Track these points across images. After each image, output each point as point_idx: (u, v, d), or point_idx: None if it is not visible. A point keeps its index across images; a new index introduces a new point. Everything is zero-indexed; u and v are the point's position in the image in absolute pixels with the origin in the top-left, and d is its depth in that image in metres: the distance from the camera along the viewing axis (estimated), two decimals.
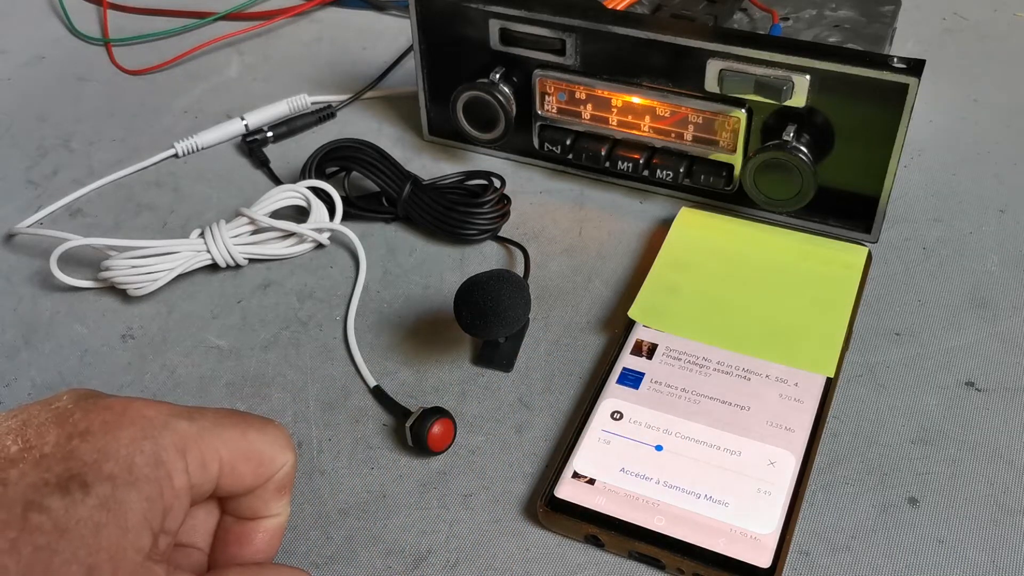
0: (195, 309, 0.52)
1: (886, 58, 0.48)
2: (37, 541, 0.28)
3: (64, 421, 0.30)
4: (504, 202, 0.55)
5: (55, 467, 0.29)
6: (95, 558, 0.28)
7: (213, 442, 0.32)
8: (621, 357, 0.46)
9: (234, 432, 0.33)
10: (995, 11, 0.73)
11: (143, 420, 0.31)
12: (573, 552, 0.40)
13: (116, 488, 0.29)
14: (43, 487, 0.28)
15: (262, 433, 0.34)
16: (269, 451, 0.34)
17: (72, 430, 0.30)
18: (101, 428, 0.30)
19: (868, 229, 0.52)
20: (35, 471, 0.29)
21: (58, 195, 0.59)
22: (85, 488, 0.29)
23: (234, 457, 0.33)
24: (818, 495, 0.42)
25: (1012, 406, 0.45)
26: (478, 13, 0.55)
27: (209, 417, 0.33)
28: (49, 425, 0.30)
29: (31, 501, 0.28)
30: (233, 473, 0.33)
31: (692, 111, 0.53)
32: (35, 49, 0.74)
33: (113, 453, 0.30)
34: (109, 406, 0.31)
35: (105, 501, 0.29)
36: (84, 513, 0.28)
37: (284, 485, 0.35)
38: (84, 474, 0.29)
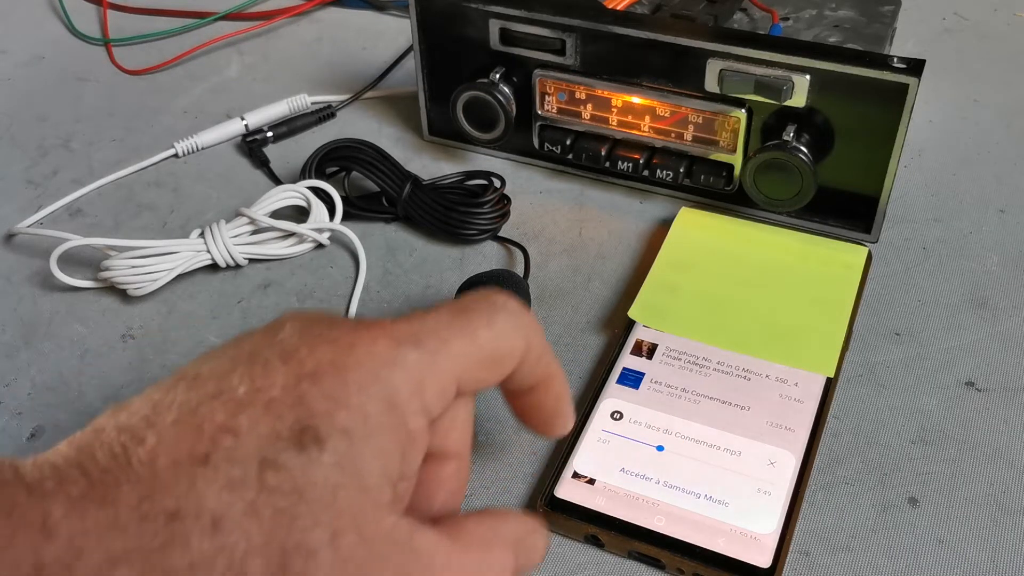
0: (195, 309, 0.52)
1: (886, 58, 0.48)
2: (277, 504, 0.25)
3: (290, 358, 0.27)
4: (504, 202, 0.55)
5: (287, 415, 0.26)
6: (337, 522, 0.26)
7: (445, 365, 0.29)
8: (621, 357, 0.46)
9: (463, 342, 0.30)
10: (995, 11, 0.73)
11: (371, 358, 0.28)
12: (573, 552, 0.40)
13: (352, 443, 0.27)
14: (277, 440, 0.26)
15: (492, 329, 0.31)
16: (506, 344, 0.31)
17: (300, 370, 0.27)
18: (330, 369, 0.27)
19: (868, 229, 0.52)
20: (266, 419, 0.26)
21: (58, 195, 0.59)
22: (320, 443, 0.26)
23: (470, 369, 0.30)
24: (818, 495, 0.42)
25: (1012, 406, 0.45)
26: (478, 13, 0.55)
27: (434, 334, 0.29)
28: (275, 362, 0.27)
29: (266, 457, 0.26)
30: (474, 379, 0.31)
31: (692, 111, 0.53)
32: (35, 49, 0.74)
33: (345, 401, 0.27)
34: (335, 340, 0.28)
35: (341, 458, 0.26)
36: (321, 472, 0.26)
37: (541, 354, 0.33)
38: (317, 427, 0.26)
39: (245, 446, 0.26)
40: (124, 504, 0.25)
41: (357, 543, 0.26)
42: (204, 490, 0.25)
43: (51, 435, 0.46)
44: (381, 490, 0.27)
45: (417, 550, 0.28)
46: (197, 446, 0.26)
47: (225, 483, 0.25)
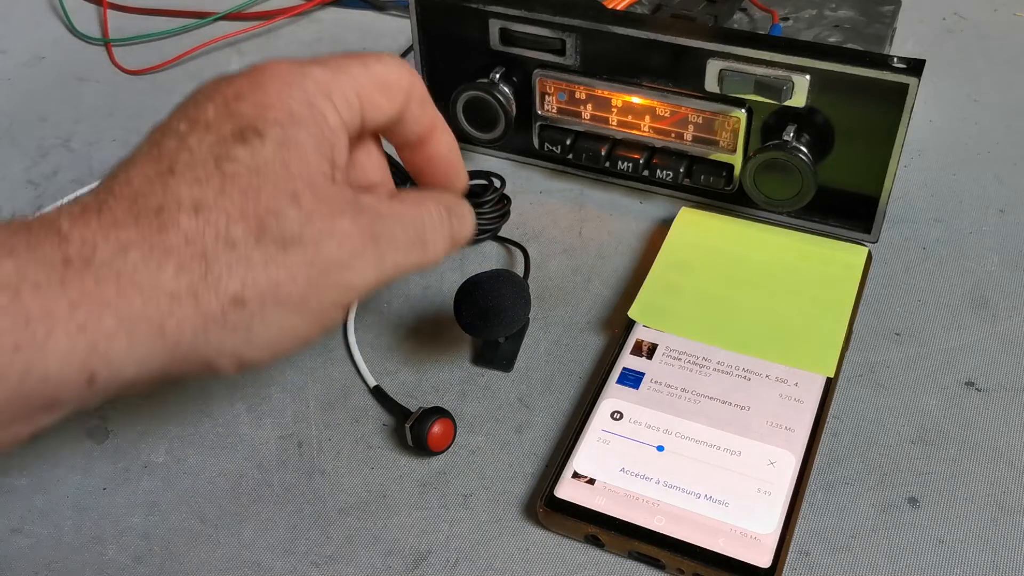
0: None
1: (886, 58, 0.48)
2: (240, 184, 0.31)
3: (214, 94, 0.33)
4: (504, 202, 0.55)
5: (225, 126, 0.32)
6: (293, 185, 0.32)
7: (346, 80, 0.35)
8: (621, 357, 0.46)
9: (359, 68, 0.35)
10: (995, 11, 0.73)
11: (282, 74, 0.33)
12: (573, 552, 0.40)
13: (285, 129, 0.32)
14: (223, 142, 0.31)
15: (380, 62, 0.36)
16: (394, 75, 0.36)
17: (225, 96, 0.33)
18: (249, 88, 0.33)
19: (868, 229, 0.52)
20: (208, 134, 0.32)
21: (58, 195, 0.59)
22: (259, 134, 0.32)
23: (368, 88, 0.35)
24: (818, 495, 0.42)
25: (1012, 406, 0.45)
26: (478, 13, 0.55)
27: (333, 62, 0.35)
28: (202, 102, 0.33)
29: (219, 155, 0.31)
30: (372, 103, 0.35)
31: (692, 111, 0.53)
32: (35, 49, 0.74)
33: (270, 104, 0.32)
34: (247, 73, 0.33)
35: (281, 141, 0.32)
36: (268, 154, 0.32)
37: (424, 98, 0.38)
38: (253, 124, 0.32)
39: (199, 153, 0.31)
40: (118, 210, 0.30)
41: (314, 199, 0.32)
42: (177, 188, 0.31)
43: (51, 435, 0.46)
44: (320, 163, 0.33)
45: (365, 204, 0.34)
46: (160, 165, 0.31)
47: (192, 180, 0.31)
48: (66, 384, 0.29)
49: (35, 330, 0.28)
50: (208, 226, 0.30)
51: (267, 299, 0.31)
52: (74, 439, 0.45)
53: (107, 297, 0.29)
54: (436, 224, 0.37)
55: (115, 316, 0.29)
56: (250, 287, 0.31)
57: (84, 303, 0.29)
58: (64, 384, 0.29)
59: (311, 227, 0.32)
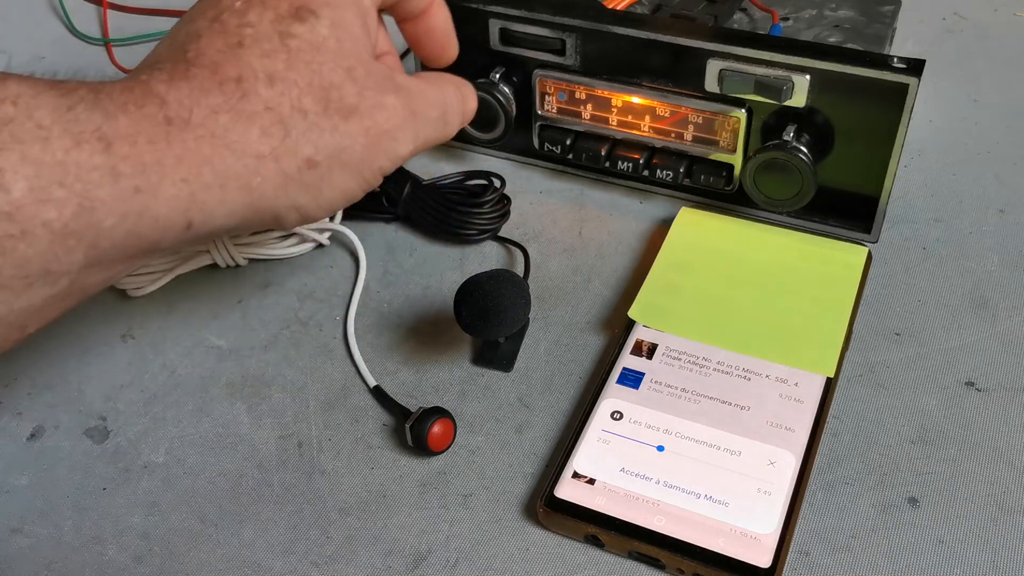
0: (195, 309, 0.52)
1: (886, 58, 0.48)
2: (304, 58, 0.35)
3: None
4: (504, 202, 0.55)
5: (281, 3, 0.35)
6: (347, 61, 0.36)
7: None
8: (621, 357, 0.46)
9: None
10: (995, 11, 0.73)
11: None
12: (573, 552, 0.40)
13: (334, 9, 0.36)
14: (283, 19, 0.35)
15: None
16: None
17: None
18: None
19: (868, 229, 0.52)
20: (267, 10, 0.35)
21: None
22: (314, 13, 0.36)
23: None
24: (818, 495, 0.42)
25: (1012, 406, 0.45)
26: (478, 13, 0.55)
27: None
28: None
29: (281, 31, 0.35)
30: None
31: (692, 111, 0.53)
32: (35, 49, 0.74)
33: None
34: None
35: (333, 21, 0.36)
36: (324, 31, 0.36)
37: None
38: (307, 3, 0.36)
39: (263, 29, 0.35)
40: (203, 78, 0.34)
41: (364, 72, 0.37)
42: (251, 60, 0.34)
43: (51, 435, 0.46)
44: (365, 42, 0.37)
45: (401, 82, 0.39)
46: (228, 38, 0.35)
47: (261, 53, 0.35)
48: (170, 227, 0.33)
49: (150, 177, 0.32)
50: (283, 96, 0.34)
51: (334, 162, 0.36)
52: (74, 439, 0.46)
53: (205, 154, 0.33)
54: (454, 103, 0.42)
55: (212, 172, 0.33)
56: (322, 151, 0.35)
57: (187, 158, 0.33)
58: (169, 227, 0.33)
59: (365, 100, 0.36)
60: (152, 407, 0.47)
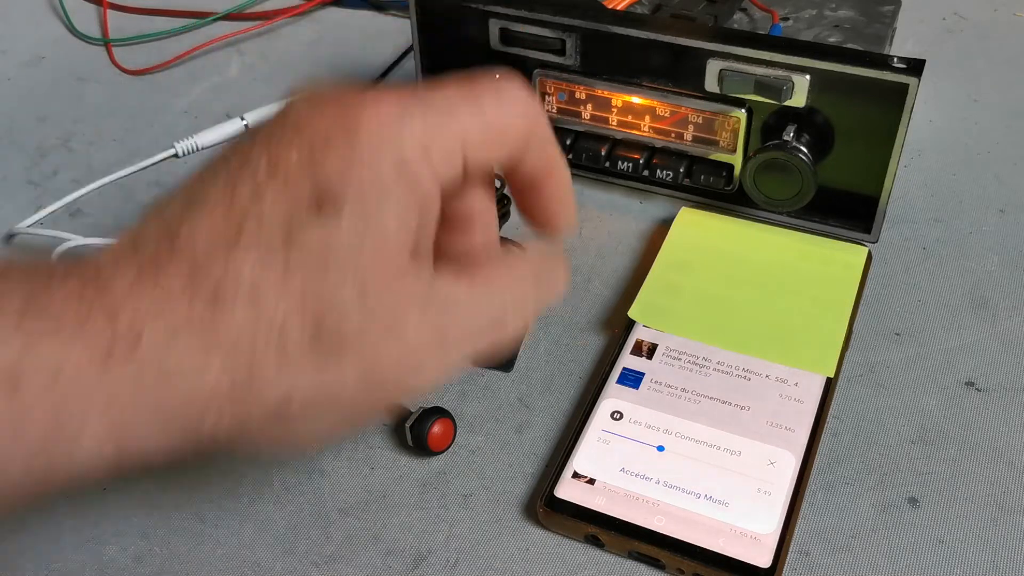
0: None
1: (886, 58, 0.48)
2: (307, 266, 0.28)
3: (303, 127, 0.29)
4: (504, 202, 0.55)
5: (304, 183, 0.28)
6: (362, 278, 0.28)
7: (452, 128, 0.30)
8: (621, 357, 0.46)
9: (470, 112, 0.31)
10: (995, 11, 0.73)
11: (379, 119, 0.29)
12: (573, 552, 0.40)
13: (367, 202, 0.28)
14: (298, 209, 0.28)
15: (498, 103, 0.32)
16: (510, 121, 0.32)
17: (312, 137, 0.29)
18: (341, 133, 0.29)
19: (868, 229, 0.52)
20: (287, 192, 0.28)
21: (58, 195, 0.59)
22: (337, 203, 0.28)
23: (475, 138, 0.31)
24: (818, 495, 0.42)
25: (1012, 406, 0.45)
26: (478, 13, 0.55)
27: (441, 100, 0.31)
28: (290, 134, 0.29)
29: (291, 227, 0.28)
30: (480, 153, 0.31)
31: (692, 111, 0.53)
32: (35, 49, 0.74)
33: (357, 161, 0.29)
34: (344, 104, 0.30)
35: (360, 216, 0.28)
36: (343, 232, 0.28)
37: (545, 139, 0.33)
38: (333, 189, 0.28)
39: (271, 221, 0.28)
40: (173, 285, 0.28)
41: (382, 295, 0.29)
42: (240, 267, 0.28)
43: None
44: (401, 244, 0.29)
45: (439, 294, 0.30)
46: (228, 225, 0.28)
47: (257, 259, 0.28)
48: (90, 471, 0.28)
49: (66, 426, 0.26)
50: (262, 322, 0.28)
51: (312, 405, 0.29)
52: None
53: (146, 388, 0.27)
54: (520, 300, 0.33)
55: (151, 412, 0.28)
56: (297, 393, 0.28)
57: (121, 398, 0.27)
58: (87, 471, 0.28)
59: (372, 327, 0.29)
60: None
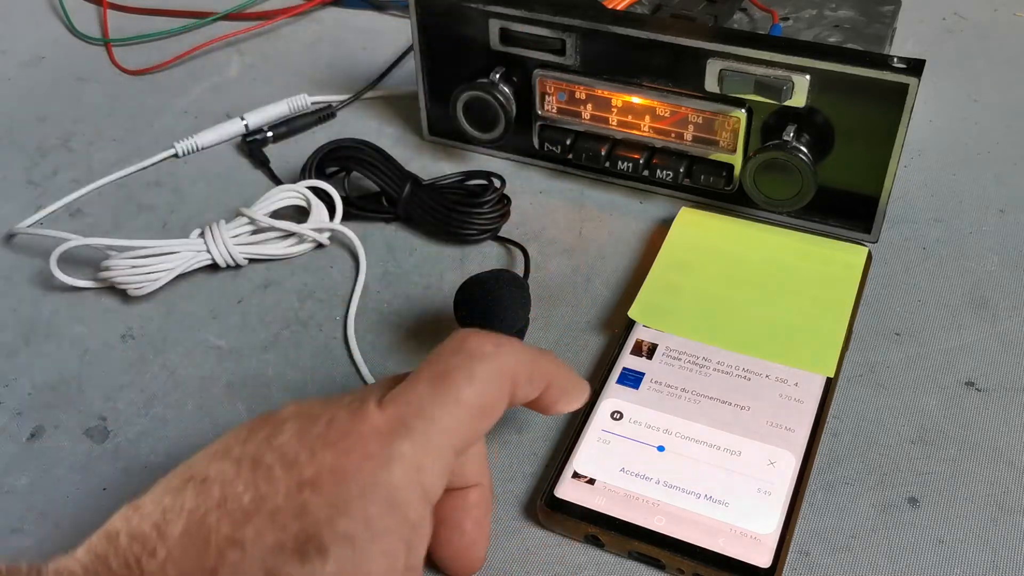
0: (195, 309, 0.52)
1: (886, 58, 0.48)
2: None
3: (291, 465, 0.29)
4: (504, 202, 0.55)
5: (290, 525, 0.28)
6: None
7: (439, 441, 0.30)
8: (621, 357, 0.46)
9: (449, 410, 0.31)
10: (995, 11, 0.73)
11: (368, 460, 0.29)
12: (573, 552, 0.40)
13: (354, 549, 0.28)
14: (281, 552, 0.27)
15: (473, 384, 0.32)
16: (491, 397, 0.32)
17: (300, 477, 0.28)
18: (330, 476, 0.29)
19: (868, 229, 0.52)
20: (270, 530, 0.27)
21: (58, 195, 0.59)
22: (323, 553, 0.27)
23: (462, 432, 0.31)
24: (818, 495, 0.42)
25: (1012, 406, 0.45)
26: (478, 13, 0.55)
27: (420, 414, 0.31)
28: (277, 469, 0.29)
29: (271, 570, 0.27)
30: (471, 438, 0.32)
31: (692, 111, 0.53)
32: (35, 49, 0.74)
33: (345, 507, 0.28)
34: (333, 443, 0.29)
35: (344, 566, 0.27)
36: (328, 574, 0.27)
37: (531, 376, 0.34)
38: (320, 535, 0.27)
39: (250, 559, 0.27)
40: None
41: None
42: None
43: (51, 435, 0.46)
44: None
45: None
46: (205, 559, 0.27)
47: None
48: None
49: None
50: None
51: None
52: (74, 439, 0.45)
53: None
54: None
55: None
56: None
57: None
58: None
59: None
60: (152, 407, 0.47)
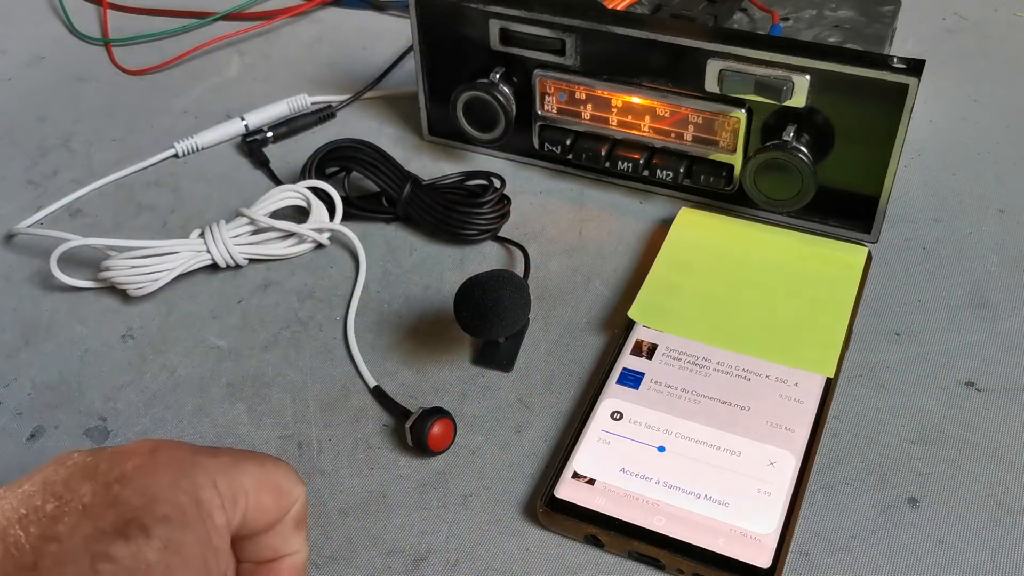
0: (195, 309, 0.52)
1: (886, 58, 0.48)
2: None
3: (92, 472, 0.29)
4: (504, 202, 0.55)
5: (106, 515, 0.28)
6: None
7: (238, 475, 0.32)
8: (621, 357, 0.46)
9: (253, 465, 0.33)
10: (995, 11, 0.73)
11: (174, 460, 0.30)
12: (573, 552, 0.40)
13: (173, 530, 0.29)
14: (102, 536, 0.28)
15: (277, 466, 0.34)
16: (286, 482, 0.34)
17: (107, 478, 0.29)
18: (137, 472, 0.29)
19: (868, 229, 0.52)
20: (85, 522, 0.28)
21: (58, 195, 0.59)
22: (146, 531, 0.28)
23: (258, 488, 0.32)
24: (818, 495, 0.42)
25: (1012, 406, 0.45)
26: (478, 13, 0.55)
27: (227, 453, 0.33)
28: (77, 478, 0.29)
29: (96, 552, 0.27)
30: (258, 506, 0.32)
31: (692, 111, 0.53)
32: (35, 49, 0.74)
33: (159, 495, 0.29)
34: (134, 451, 0.30)
35: (167, 543, 0.28)
36: (152, 557, 0.28)
37: (301, 519, 0.35)
38: (140, 518, 0.28)
39: (71, 547, 0.27)
40: None
41: None
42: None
43: (51, 435, 0.46)
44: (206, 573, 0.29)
45: None
46: (22, 558, 0.27)
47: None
48: None
49: None
50: None
51: None
52: (74, 439, 0.45)
53: None
54: None
55: None
56: None
57: None
58: None
59: None
60: (152, 407, 0.47)
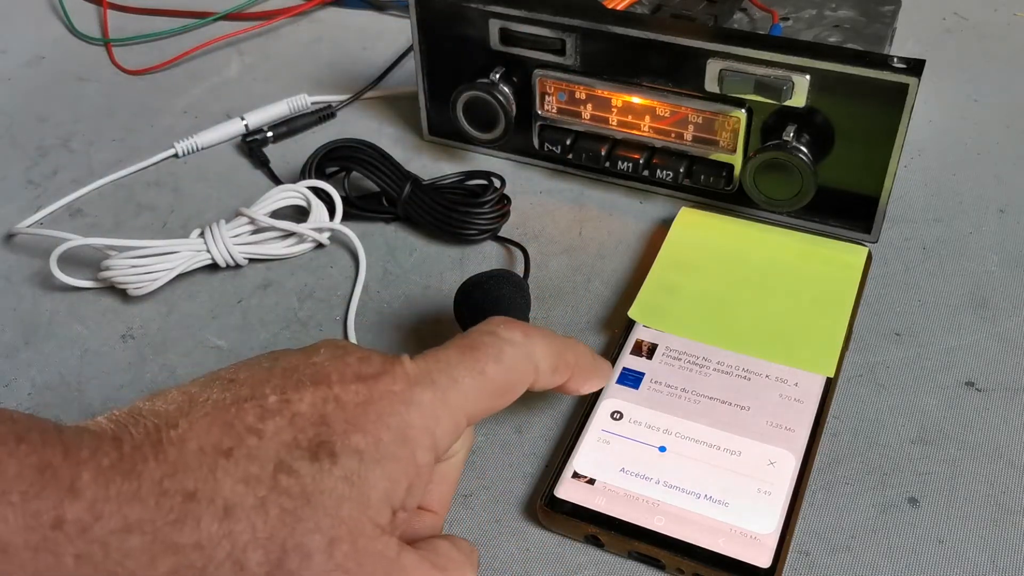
0: (195, 309, 0.52)
1: (886, 58, 0.48)
2: (284, 504, 0.29)
3: (321, 381, 0.31)
4: (504, 202, 0.55)
5: (308, 429, 0.30)
6: (336, 531, 0.29)
7: (456, 401, 0.33)
8: (621, 357, 0.46)
9: (472, 378, 0.33)
10: (995, 11, 0.73)
11: (391, 395, 0.31)
12: (573, 552, 0.40)
13: (362, 463, 0.30)
14: (295, 448, 0.29)
15: (499, 363, 0.34)
16: (513, 378, 0.34)
17: (327, 393, 0.31)
18: (354, 398, 0.31)
19: (868, 229, 0.52)
20: (289, 429, 0.30)
21: (58, 195, 0.59)
22: (333, 457, 0.29)
23: (479, 402, 0.33)
24: (818, 495, 0.42)
25: (1012, 406, 0.45)
26: (478, 13, 0.55)
27: (446, 372, 0.33)
28: (307, 382, 0.31)
29: (282, 461, 0.29)
30: (484, 411, 0.34)
31: (692, 111, 0.53)
32: (35, 49, 0.74)
33: (362, 426, 0.30)
34: (363, 376, 0.32)
35: (350, 474, 0.30)
36: (329, 483, 0.29)
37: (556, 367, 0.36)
38: (333, 443, 0.30)
39: (266, 448, 0.29)
40: (148, 479, 0.28)
41: (350, 553, 0.29)
42: (222, 479, 0.28)
43: None
44: (381, 510, 0.30)
45: (403, 567, 0.31)
46: (224, 439, 0.29)
47: (242, 477, 0.28)
48: None
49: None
50: (227, 539, 0.28)
51: None
52: None
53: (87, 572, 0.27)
54: None
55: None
56: None
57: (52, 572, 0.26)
58: None
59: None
60: None
